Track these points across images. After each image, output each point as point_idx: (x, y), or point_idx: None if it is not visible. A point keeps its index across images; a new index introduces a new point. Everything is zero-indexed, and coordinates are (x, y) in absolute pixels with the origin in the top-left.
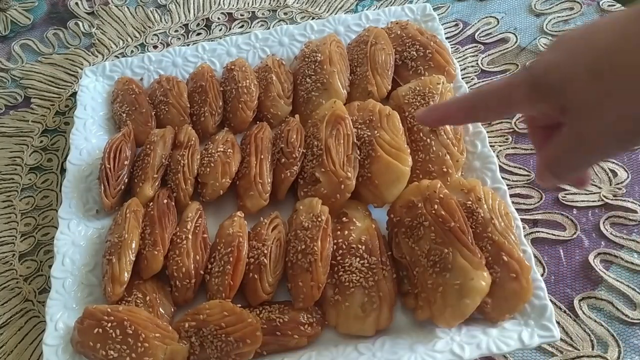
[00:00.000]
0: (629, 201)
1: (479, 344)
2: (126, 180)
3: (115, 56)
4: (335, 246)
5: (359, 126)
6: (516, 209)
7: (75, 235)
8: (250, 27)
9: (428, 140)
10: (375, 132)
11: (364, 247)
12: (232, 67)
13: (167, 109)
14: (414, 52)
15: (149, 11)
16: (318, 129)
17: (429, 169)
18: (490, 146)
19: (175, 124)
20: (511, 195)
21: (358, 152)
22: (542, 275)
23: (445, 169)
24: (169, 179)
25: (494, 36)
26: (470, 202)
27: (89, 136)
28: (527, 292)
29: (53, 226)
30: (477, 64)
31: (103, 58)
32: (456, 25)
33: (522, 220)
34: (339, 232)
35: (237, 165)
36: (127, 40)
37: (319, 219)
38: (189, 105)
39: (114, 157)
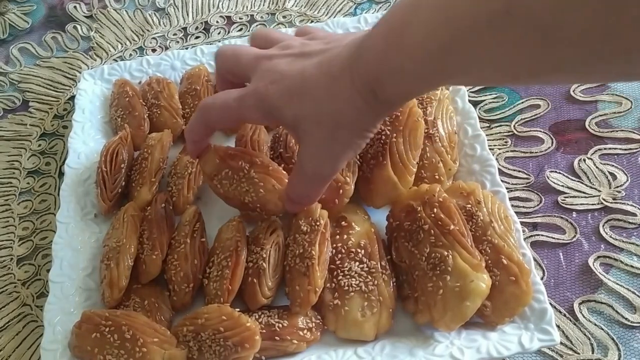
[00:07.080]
0: (628, 204)
1: (479, 347)
2: (123, 184)
3: (114, 59)
4: (334, 250)
5: None
6: (515, 212)
7: (73, 239)
8: (249, 30)
9: (423, 145)
10: (394, 135)
11: (363, 251)
12: None
13: (159, 112)
14: None
15: (147, 15)
16: None
17: (422, 174)
18: (490, 149)
19: (169, 126)
20: (510, 199)
21: (357, 157)
22: (541, 278)
23: (437, 176)
24: (172, 182)
25: None
26: (469, 206)
27: (87, 140)
28: (527, 296)
29: (51, 230)
30: None
31: (101, 61)
32: None
33: (521, 223)
34: (338, 237)
35: None
36: (125, 44)
37: (318, 223)
38: (180, 107)
39: (111, 161)
